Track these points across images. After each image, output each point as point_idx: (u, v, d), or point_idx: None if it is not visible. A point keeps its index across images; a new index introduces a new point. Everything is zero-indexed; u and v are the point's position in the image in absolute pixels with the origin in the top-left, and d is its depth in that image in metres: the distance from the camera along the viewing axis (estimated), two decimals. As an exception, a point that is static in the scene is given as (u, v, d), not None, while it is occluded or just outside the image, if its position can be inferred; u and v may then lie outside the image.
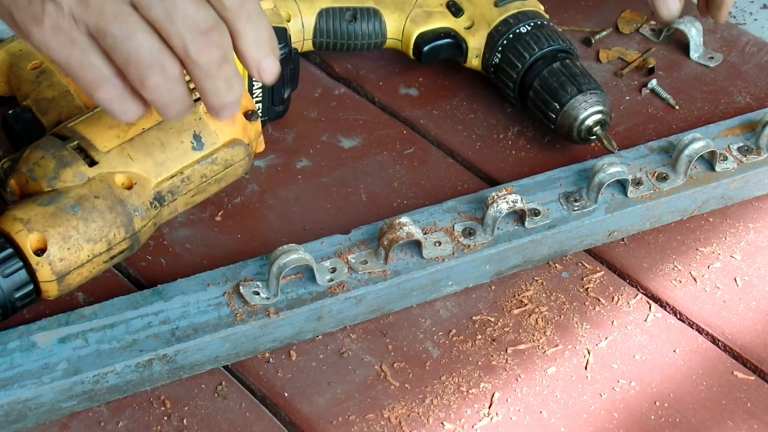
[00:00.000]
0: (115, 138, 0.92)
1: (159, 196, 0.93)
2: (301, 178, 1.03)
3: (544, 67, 1.04)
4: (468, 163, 1.06)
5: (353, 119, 1.09)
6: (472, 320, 0.92)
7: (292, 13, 1.08)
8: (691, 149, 0.98)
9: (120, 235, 0.90)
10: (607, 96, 1.03)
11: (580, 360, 0.90)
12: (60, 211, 0.88)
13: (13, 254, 0.86)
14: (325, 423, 0.85)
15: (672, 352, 0.90)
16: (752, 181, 1.01)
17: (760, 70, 1.15)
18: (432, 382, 0.88)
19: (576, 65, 1.04)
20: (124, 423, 0.85)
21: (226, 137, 0.96)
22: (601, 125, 1.02)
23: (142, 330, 0.86)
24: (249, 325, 0.87)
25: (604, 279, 0.96)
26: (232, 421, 0.85)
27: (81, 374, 0.83)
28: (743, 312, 0.93)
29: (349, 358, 0.90)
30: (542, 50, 1.05)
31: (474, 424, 0.85)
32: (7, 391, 0.82)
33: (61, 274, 0.87)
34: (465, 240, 0.93)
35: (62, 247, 0.87)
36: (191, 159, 0.94)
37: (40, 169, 0.90)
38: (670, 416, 0.86)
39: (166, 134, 0.93)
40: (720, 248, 0.98)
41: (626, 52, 1.17)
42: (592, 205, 0.96)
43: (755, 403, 0.87)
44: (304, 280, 0.90)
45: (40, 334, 0.86)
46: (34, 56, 1.03)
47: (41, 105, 0.98)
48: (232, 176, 0.98)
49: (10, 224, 0.87)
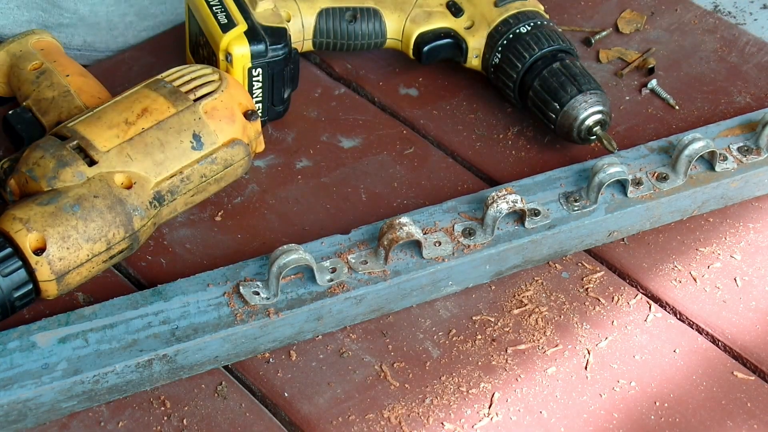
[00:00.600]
0: (114, 138, 0.92)
1: (158, 195, 0.93)
2: (301, 178, 1.03)
3: (544, 67, 1.04)
4: (468, 163, 1.06)
5: (353, 119, 1.09)
6: (472, 320, 0.92)
7: (292, 13, 1.08)
8: (691, 149, 0.97)
9: (119, 235, 0.90)
10: (607, 96, 1.03)
11: (580, 360, 0.90)
12: (59, 210, 0.88)
13: (12, 254, 0.86)
14: (325, 423, 0.85)
15: (672, 352, 0.90)
16: (752, 181, 1.01)
17: (760, 70, 1.15)
18: (432, 382, 0.88)
19: (576, 65, 1.04)
20: (124, 423, 0.85)
21: (226, 137, 0.96)
22: (601, 125, 1.02)
23: (142, 330, 0.86)
24: (249, 325, 0.87)
25: (604, 279, 0.96)
26: (232, 421, 0.85)
27: (81, 374, 0.83)
28: (743, 312, 0.93)
29: (349, 358, 0.90)
30: (542, 50, 1.04)
31: (474, 424, 0.85)
32: (7, 391, 0.82)
33: (60, 273, 0.87)
34: (465, 240, 0.93)
35: (61, 247, 0.87)
36: (191, 159, 0.94)
37: (40, 169, 0.90)
38: (670, 416, 0.86)
39: (166, 134, 0.93)
40: (720, 248, 0.98)
41: (626, 52, 1.17)
42: (592, 205, 0.96)
43: (755, 403, 0.87)
44: (304, 280, 0.90)
45: (40, 334, 0.86)
46: (34, 57, 1.03)
47: (41, 105, 0.98)
48: (232, 176, 0.98)
49: (10, 224, 0.87)
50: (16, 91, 1.02)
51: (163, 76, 0.97)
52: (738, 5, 1.25)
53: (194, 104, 0.95)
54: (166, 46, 1.16)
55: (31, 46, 1.04)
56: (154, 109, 0.94)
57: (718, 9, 1.40)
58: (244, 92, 0.99)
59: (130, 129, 0.93)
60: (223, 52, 1.01)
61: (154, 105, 0.94)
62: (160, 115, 0.94)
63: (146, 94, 0.95)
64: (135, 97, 0.95)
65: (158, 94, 0.95)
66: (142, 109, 0.94)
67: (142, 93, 0.96)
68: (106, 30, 1.15)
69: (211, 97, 0.96)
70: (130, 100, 0.95)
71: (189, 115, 0.95)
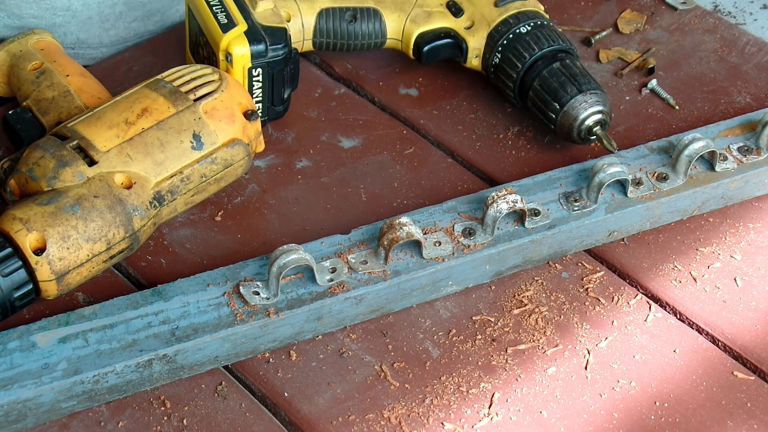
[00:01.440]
0: (114, 138, 0.92)
1: (158, 195, 0.93)
2: (301, 178, 1.03)
3: (544, 67, 1.04)
4: (468, 163, 1.06)
5: (353, 119, 1.09)
6: (472, 320, 0.92)
7: (292, 13, 1.08)
8: (691, 149, 0.97)
9: (119, 235, 0.90)
10: (607, 96, 1.03)
11: (580, 360, 0.90)
12: (59, 210, 0.88)
13: (12, 253, 0.86)
14: (325, 423, 0.85)
15: (672, 352, 0.90)
16: (752, 181, 1.01)
17: (760, 70, 1.15)
18: (432, 382, 0.88)
19: (576, 65, 1.04)
20: (124, 423, 0.85)
21: (226, 137, 0.96)
22: (601, 125, 1.02)
23: (142, 330, 0.86)
24: (249, 325, 0.87)
25: (604, 279, 0.96)
26: (232, 421, 0.85)
27: (81, 374, 0.83)
28: (743, 312, 0.93)
29: (349, 358, 0.90)
30: (542, 50, 1.04)
31: (474, 424, 0.85)
32: (7, 391, 0.82)
33: (60, 273, 0.87)
34: (465, 240, 0.93)
35: (62, 247, 0.87)
36: (191, 159, 0.94)
37: (40, 169, 0.90)
38: (670, 416, 0.86)
39: (166, 134, 0.93)
40: (720, 248, 0.98)
41: (626, 52, 1.17)
42: (592, 205, 0.96)
43: (755, 403, 0.87)
44: (304, 280, 0.90)
45: (40, 334, 0.86)
46: (34, 57, 1.03)
47: (41, 105, 0.98)
48: (232, 176, 0.98)
49: (10, 224, 0.87)
50: (16, 91, 1.02)
51: (163, 76, 0.97)
52: (738, 5, 1.25)
53: (194, 104, 0.95)
54: (166, 46, 1.16)
55: (31, 46, 1.04)
56: (154, 109, 0.94)
57: (718, 9, 1.40)
58: (244, 92, 0.99)
59: (130, 129, 0.93)
60: (223, 52, 1.01)
61: (154, 105, 0.94)
62: (160, 115, 0.94)
63: (146, 94, 0.95)
64: (135, 97, 0.95)
65: (158, 94, 0.95)
66: (142, 109, 0.94)
67: (142, 93, 0.95)
68: (98, 23, 1.15)
69: (211, 97, 0.96)
70: (130, 100, 0.95)
71: (189, 115, 0.95)
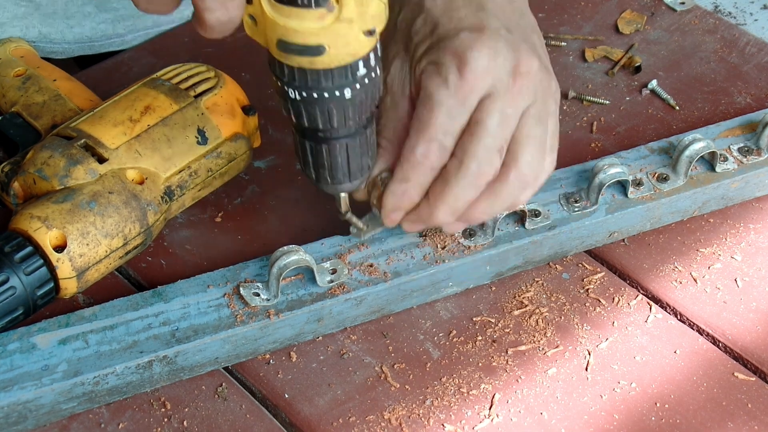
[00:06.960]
0: (121, 135, 0.92)
1: (169, 190, 0.93)
2: (301, 178, 1.03)
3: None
4: (468, 163, 1.05)
5: (353, 120, 1.09)
6: (473, 321, 0.92)
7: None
8: (692, 150, 0.97)
9: (135, 230, 0.90)
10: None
11: (581, 361, 0.90)
12: (76, 207, 0.88)
13: (33, 252, 0.86)
14: (325, 424, 0.85)
15: (672, 353, 0.90)
16: (753, 182, 1.01)
17: (760, 70, 1.15)
18: (432, 383, 0.88)
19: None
20: (124, 425, 0.85)
21: (229, 131, 0.97)
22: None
23: (142, 331, 0.86)
24: (249, 327, 0.87)
25: (604, 280, 0.96)
26: (232, 423, 0.85)
27: (81, 376, 0.83)
28: (744, 313, 0.93)
29: (349, 359, 0.90)
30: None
31: (474, 426, 0.85)
32: (7, 393, 0.82)
33: (81, 270, 0.88)
34: (465, 241, 0.93)
35: (81, 243, 0.87)
36: (197, 153, 0.95)
37: (50, 168, 0.90)
38: (671, 417, 0.86)
39: (171, 130, 0.94)
40: (720, 249, 0.98)
41: (612, 50, 1.16)
42: (592, 205, 0.96)
43: (756, 404, 0.87)
44: (304, 282, 0.90)
45: (40, 335, 0.86)
46: (15, 63, 1.03)
47: (32, 110, 0.98)
48: (235, 170, 0.98)
49: (28, 222, 0.87)
50: (0, 99, 1.02)
51: (159, 75, 0.98)
52: (738, 5, 1.25)
53: (195, 100, 0.96)
54: (166, 47, 1.16)
55: (10, 53, 1.04)
56: (157, 106, 0.95)
57: (718, 9, 1.40)
58: (239, 88, 1.00)
59: (135, 126, 0.93)
60: None
61: (156, 102, 0.95)
62: (164, 112, 0.95)
63: (146, 92, 0.96)
64: (135, 95, 0.96)
65: (158, 91, 0.96)
66: (144, 107, 0.94)
67: (142, 91, 0.96)
68: (62, 19, 1.14)
69: (211, 93, 0.97)
70: (131, 99, 0.95)
71: (192, 111, 0.95)
